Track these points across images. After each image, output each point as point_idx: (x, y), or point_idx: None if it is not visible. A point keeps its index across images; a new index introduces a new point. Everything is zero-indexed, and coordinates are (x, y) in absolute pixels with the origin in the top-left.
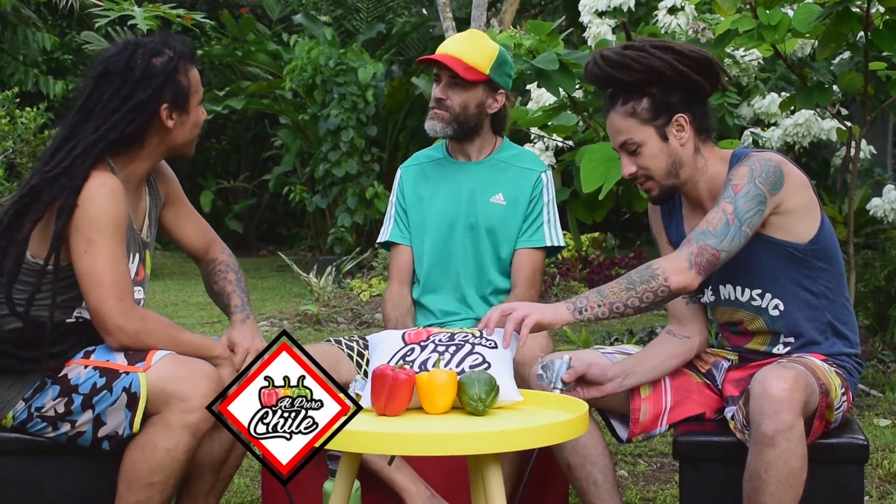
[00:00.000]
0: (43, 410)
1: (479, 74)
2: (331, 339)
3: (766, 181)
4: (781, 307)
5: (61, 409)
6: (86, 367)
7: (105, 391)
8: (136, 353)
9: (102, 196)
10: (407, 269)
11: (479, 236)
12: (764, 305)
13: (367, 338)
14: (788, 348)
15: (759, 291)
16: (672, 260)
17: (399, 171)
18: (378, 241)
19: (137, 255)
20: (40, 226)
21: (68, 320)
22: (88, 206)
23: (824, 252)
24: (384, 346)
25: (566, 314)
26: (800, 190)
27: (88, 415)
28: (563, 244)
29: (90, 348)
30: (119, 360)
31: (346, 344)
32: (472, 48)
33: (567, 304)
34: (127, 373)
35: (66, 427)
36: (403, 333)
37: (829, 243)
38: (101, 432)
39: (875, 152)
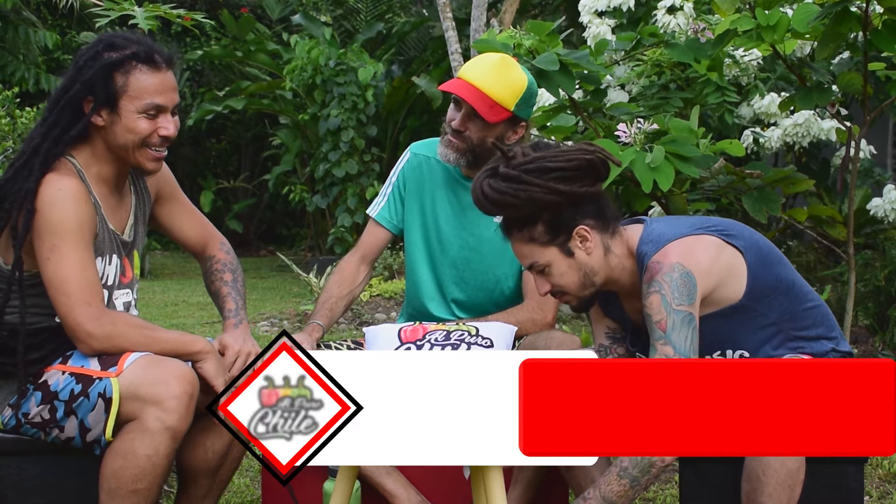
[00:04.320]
0: (30, 417)
1: (503, 113)
2: (321, 343)
3: (682, 299)
4: (747, 354)
5: (47, 416)
6: (63, 372)
7: (83, 397)
8: (110, 358)
9: (63, 201)
10: (375, 249)
11: (484, 258)
12: (729, 356)
13: (364, 330)
14: None
15: (720, 352)
16: None
17: (409, 152)
18: (368, 211)
19: (115, 257)
20: (8, 230)
21: (49, 325)
22: (49, 211)
23: (759, 281)
24: (381, 343)
25: None
26: (712, 271)
27: (73, 421)
28: None
29: (69, 353)
30: (93, 366)
31: (335, 348)
32: (500, 81)
33: None
34: (101, 378)
35: (56, 432)
36: (399, 330)
37: (762, 269)
38: (89, 437)
39: (875, 152)
